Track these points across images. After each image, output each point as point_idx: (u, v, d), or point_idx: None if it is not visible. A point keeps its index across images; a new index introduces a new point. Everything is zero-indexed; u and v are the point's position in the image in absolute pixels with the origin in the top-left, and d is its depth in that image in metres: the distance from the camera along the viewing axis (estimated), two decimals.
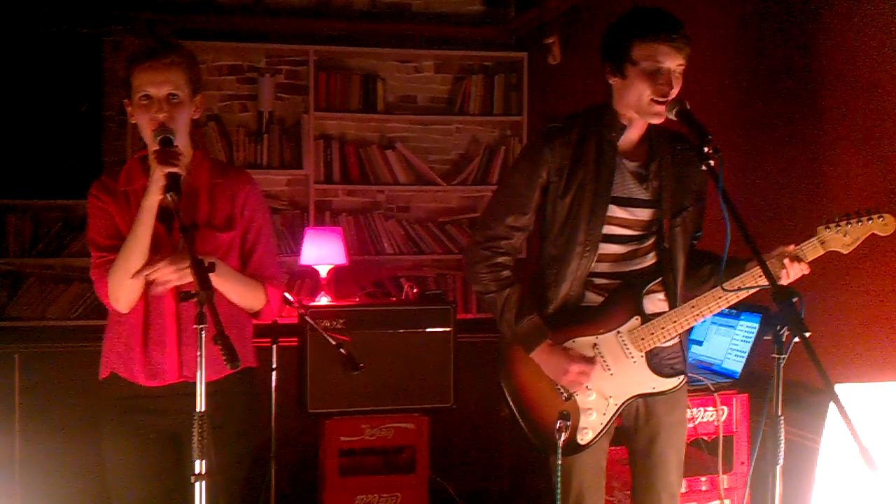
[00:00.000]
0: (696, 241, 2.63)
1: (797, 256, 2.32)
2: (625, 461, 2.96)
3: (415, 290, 4.65)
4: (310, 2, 5.29)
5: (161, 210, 2.28)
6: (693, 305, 2.43)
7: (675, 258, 2.51)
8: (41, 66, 4.86)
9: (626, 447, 2.66)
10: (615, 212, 2.47)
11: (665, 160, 2.50)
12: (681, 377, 2.53)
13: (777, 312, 1.94)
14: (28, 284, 4.91)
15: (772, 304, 1.95)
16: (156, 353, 2.39)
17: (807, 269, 2.34)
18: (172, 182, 2.18)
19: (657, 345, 2.47)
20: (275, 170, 5.17)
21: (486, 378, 2.73)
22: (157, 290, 2.29)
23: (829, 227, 2.32)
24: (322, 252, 4.65)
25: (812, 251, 2.33)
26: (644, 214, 2.49)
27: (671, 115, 2.35)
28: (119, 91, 2.27)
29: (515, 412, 2.56)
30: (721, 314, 3.16)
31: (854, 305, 2.76)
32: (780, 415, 1.99)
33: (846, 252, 2.33)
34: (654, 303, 2.50)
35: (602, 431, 2.51)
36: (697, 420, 2.97)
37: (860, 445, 1.71)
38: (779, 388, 1.98)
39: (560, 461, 2.41)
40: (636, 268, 2.51)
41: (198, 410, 1.98)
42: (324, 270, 4.65)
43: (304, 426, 4.33)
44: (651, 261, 2.52)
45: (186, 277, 2.19)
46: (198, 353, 1.97)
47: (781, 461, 2.00)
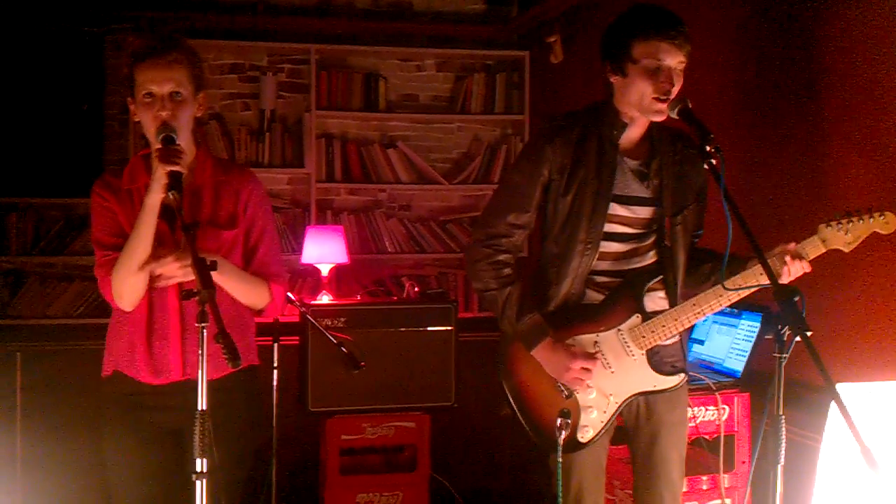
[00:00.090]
0: (697, 240, 2.63)
1: (798, 254, 2.32)
2: (626, 460, 2.96)
3: (416, 289, 4.66)
4: (311, 1, 5.29)
5: (164, 208, 2.28)
6: (694, 303, 2.42)
7: (676, 256, 2.51)
8: (43, 65, 4.86)
9: (628, 446, 2.66)
10: (616, 210, 2.47)
11: (666, 158, 2.50)
12: (681, 375, 2.53)
13: (778, 311, 1.94)
14: (29, 283, 4.91)
15: (773, 304, 1.95)
16: (159, 351, 2.39)
17: (808, 268, 2.34)
18: (174, 180, 2.18)
19: (658, 343, 2.47)
20: (276, 168, 5.17)
21: (488, 377, 2.73)
22: (161, 284, 2.30)
23: (831, 226, 2.31)
24: (323, 251, 4.65)
25: (813, 249, 2.33)
26: (645, 212, 2.50)
27: (673, 114, 2.35)
28: (121, 90, 2.28)
29: (516, 410, 2.56)
30: (722, 313, 3.16)
31: (855, 304, 2.76)
32: (782, 414, 1.98)
33: (847, 250, 2.32)
34: (655, 301, 2.50)
35: (603, 429, 2.51)
36: (699, 419, 2.97)
37: (861, 445, 1.71)
38: (780, 388, 1.98)
39: (560, 459, 2.42)
40: (637, 266, 2.51)
41: (199, 409, 1.98)
42: (325, 269, 4.65)
43: (305, 425, 4.33)
44: (652, 259, 2.52)
45: (191, 274, 2.19)
46: (200, 352, 1.97)
47: (782, 460, 2.00)
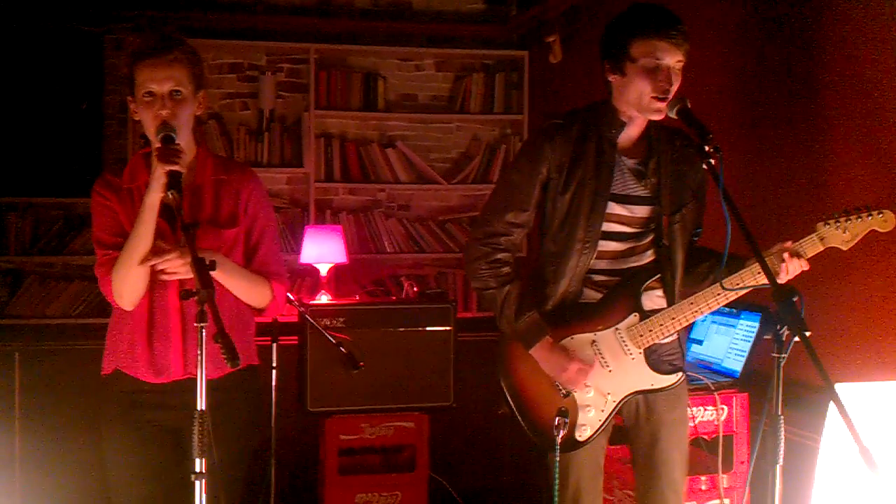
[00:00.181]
0: (697, 239, 2.62)
1: (797, 252, 2.32)
2: (625, 460, 2.96)
3: (415, 289, 4.66)
4: (311, 0, 5.28)
5: (164, 207, 2.28)
6: (692, 302, 2.42)
7: (674, 255, 2.51)
8: (42, 64, 4.85)
9: (629, 447, 2.65)
10: (614, 209, 2.47)
11: (664, 157, 2.50)
12: (679, 374, 2.52)
13: (777, 311, 1.94)
14: (28, 282, 4.91)
15: (772, 304, 1.95)
16: (160, 350, 2.39)
17: (806, 266, 2.33)
18: (173, 180, 2.18)
19: (655, 342, 2.47)
20: (275, 168, 5.17)
21: (487, 377, 2.73)
22: (164, 278, 2.30)
23: (829, 224, 2.31)
24: (322, 250, 4.65)
25: (811, 247, 2.33)
26: (643, 211, 2.49)
27: (672, 114, 2.34)
28: (120, 89, 2.28)
29: (514, 409, 2.56)
30: (721, 313, 3.17)
31: (854, 304, 2.76)
32: (780, 414, 1.98)
33: (846, 248, 2.32)
34: (653, 300, 2.50)
35: (600, 428, 2.51)
36: (697, 419, 2.96)
37: (860, 445, 1.71)
38: (779, 388, 1.98)
39: (558, 458, 2.42)
40: (635, 265, 2.51)
41: (198, 408, 1.98)
42: (324, 269, 4.65)
43: (304, 425, 4.33)
44: (650, 258, 2.52)
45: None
46: (199, 352, 1.97)
47: (781, 460, 2.00)
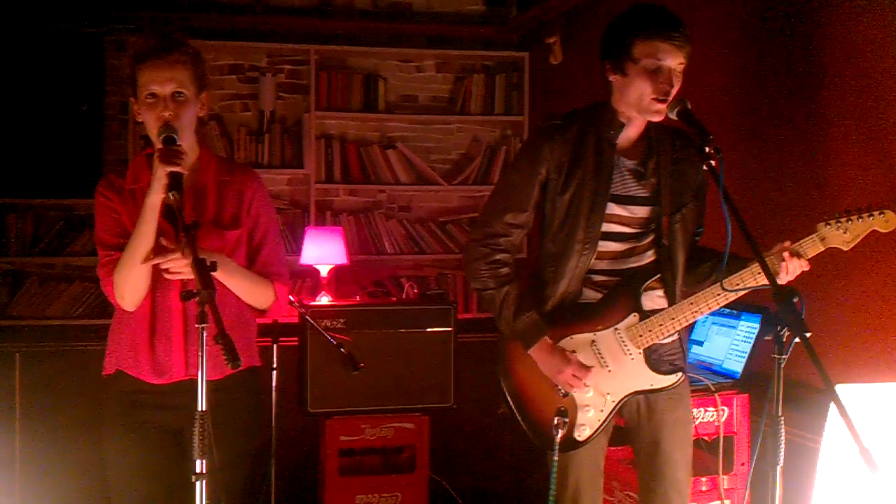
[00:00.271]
0: (698, 238, 2.62)
1: (797, 252, 2.30)
2: (626, 461, 2.96)
3: (415, 290, 4.66)
4: (311, 1, 5.28)
5: (167, 208, 2.28)
6: (692, 302, 2.42)
7: (675, 255, 2.50)
8: (43, 65, 4.85)
9: (632, 447, 2.65)
10: (614, 209, 2.47)
11: (664, 157, 2.49)
12: (679, 374, 2.51)
13: (777, 312, 1.94)
14: (29, 283, 4.91)
15: (772, 305, 1.95)
16: (162, 351, 2.39)
17: (806, 266, 2.32)
18: (175, 181, 2.18)
19: (655, 342, 2.47)
20: (276, 169, 5.17)
21: (487, 378, 2.73)
22: (168, 277, 2.30)
23: (830, 224, 2.29)
24: (323, 251, 4.65)
25: (812, 248, 2.31)
26: (642, 212, 2.49)
27: (672, 115, 2.34)
28: (120, 90, 2.27)
29: (514, 409, 2.57)
30: (722, 314, 3.17)
31: (855, 305, 2.76)
32: (781, 415, 1.98)
33: (846, 249, 2.31)
34: (653, 300, 2.50)
35: (600, 428, 2.50)
36: (698, 420, 2.96)
37: (861, 446, 1.71)
38: (779, 389, 1.98)
39: (556, 458, 2.42)
40: (635, 265, 2.51)
41: (199, 409, 1.98)
42: (324, 270, 4.65)
43: (305, 426, 4.33)
44: (650, 258, 2.52)
45: None
46: (200, 353, 1.97)
47: (782, 461, 2.00)
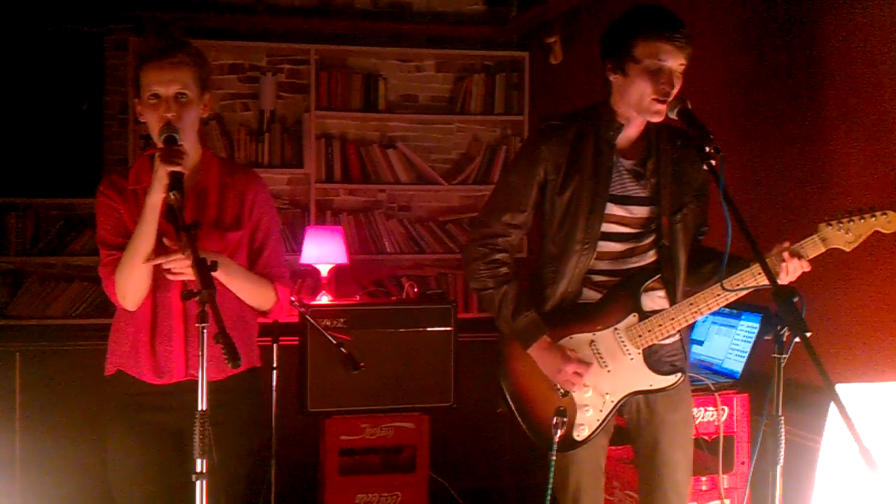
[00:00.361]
0: (702, 237, 2.61)
1: (797, 253, 2.30)
2: (626, 460, 2.96)
3: (415, 290, 4.66)
4: (311, 1, 5.28)
5: (168, 209, 2.27)
6: (691, 303, 2.42)
7: (676, 255, 2.50)
8: (43, 65, 4.86)
9: (632, 447, 2.65)
10: (613, 210, 2.47)
11: (664, 157, 2.49)
12: (678, 374, 2.51)
13: (778, 312, 1.94)
14: (29, 283, 4.91)
15: (773, 304, 1.95)
16: (163, 352, 2.39)
17: (807, 267, 2.31)
18: (175, 181, 2.18)
19: (654, 342, 2.46)
20: (276, 169, 5.17)
21: (487, 377, 2.73)
22: (170, 277, 2.29)
23: (831, 225, 2.28)
24: (323, 251, 4.65)
25: (813, 248, 2.30)
26: (642, 212, 2.49)
27: (672, 114, 2.34)
28: (120, 89, 2.27)
29: (513, 408, 2.57)
30: (722, 314, 3.17)
31: (855, 305, 2.75)
32: (781, 415, 1.98)
33: (848, 250, 2.29)
34: (655, 300, 2.50)
35: (598, 428, 2.50)
36: (698, 420, 2.96)
37: (861, 446, 1.71)
38: (779, 388, 1.98)
39: (555, 457, 2.42)
40: (636, 265, 2.51)
41: (199, 409, 1.98)
42: (325, 269, 4.65)
43: (305, 425, 4.32)
44: (651, 258, 2.51)
45: None
46: (200, 352, 1.97)
47: (782, 461, 2.00)
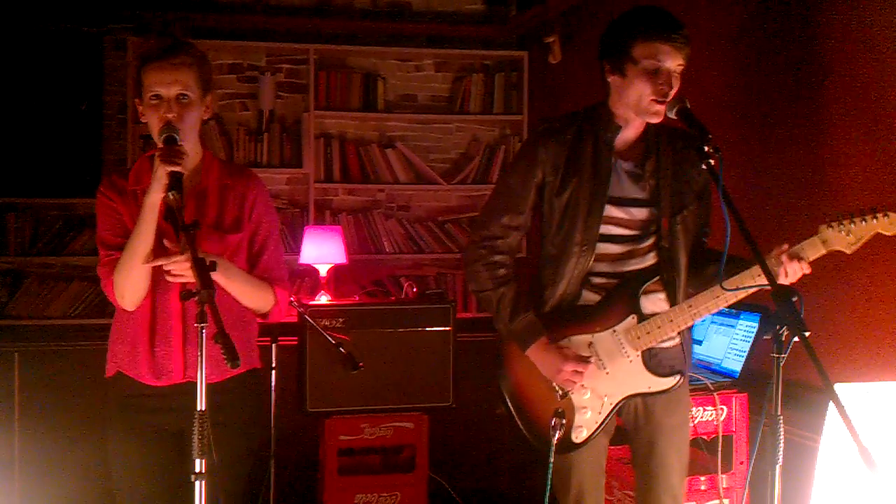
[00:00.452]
0: (706, 239, 2.60)
1: (796, 255, 2.28)
2: (625, 460, 2.96)
3: (414, 290, 4.65)
4: (310, 1, 5.28)
5: (168, 209, 2.27)
6: (690, 305, 2.41)
7: (677, 257, 2.49)
8: (42, 65, 4.86)
9: (630, 447, 2.65)
10: (611, 211, 2.46)
11: (664, 158, 2.49)
12: (677, 377, 2.50)
13: (777, 312, 1.94)
14: (28, 283, 4.91)
15: (772, 304, 1.95)
16: (162, 353, 2.39)
17: (807, 269, 2.30)
18: (175, 181, 2.17)
19: (653, 344, 2.46)
20: (275, 168, 5.17)
21: (486, 377, 2.73)
22: (169, 279, 2.29)
23: (832, 226, 2.25)
24: (322, 251, 4.65)
25: (813, 250, 2.28)
26: (641, 214, 2.49)
27: (671, 114, 2.34)
28: (120, 90, 2.27)
29: (512, 409, 2.57)
30: (721, 313, 3.16)
31: (854, 305, 2.76)
32: (780, 414, 1.98)
33: (850, 252, 2.27)
34: (655, 303, 2.49)
35: (597, 430, 2.50)
36: (697, 419, 2.97)
37: (860, 445, 1.71)
38: (778, 388, 1.98)
39: (553, 459, 2.42)
40: (635, 267, 2.50)
41: (198, 409, 1.98)
42: (324, 269, 4.65)
43: (304, 425, 4.32)
44: (651, 260, 2.50)
45: None
46: (199, 352, 1.97)
47: (781, 461, 2.00)
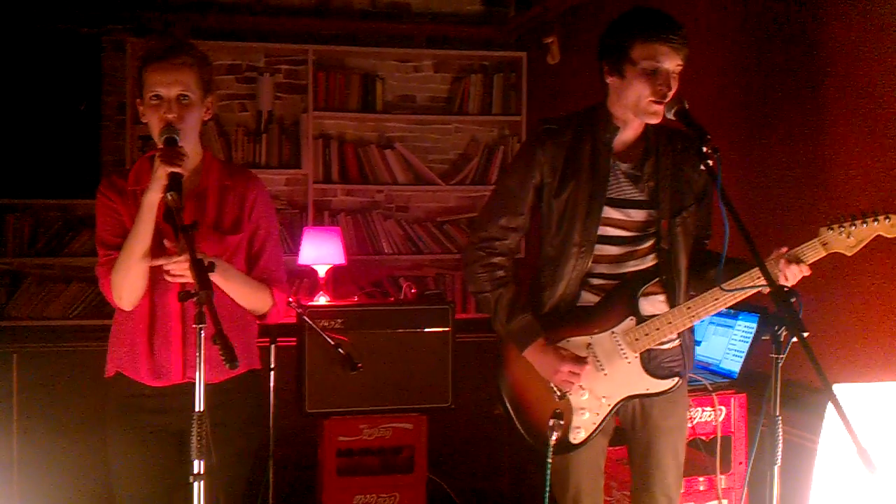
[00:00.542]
0: (707, 242, 2.60)
1: (796, 258, 2.27)
2: (624, 461, 2.96)
3: (413, 290, 4.65)
4: (309, 1, 5.29)
5: (167, 210, 2.27)
6: (689, 307, 2.41)
7: (676, 259, 2.49)
8: (40, 66, 4.85)
9: (627, 448, 2.65)
10: (610, 213, 2.46)
11: (663, 160, 2.49)
12: (675, 379, 2.49)
13: (775, 312, 1.94)
14: (27, 284, 4.91)
15: (770, 304, 1.95)
16: (161, 353, 2.39)
17: (807, 271, 2.28)
18: (174, 181, 2.18)
19: (652, 346, 2.46)
20: (273, 169, 5.17)
21: (485, 378, 2.73)
22: (168, 279, 2.28)
23: (833, 229, 2.24)
24: (321, 252, 4.64)
25: (813, 253, 2.27)
26: (639, 215, 2.48)
27: (670, 115, 2.34)
28: (118, 90, 2.27)
29: (510, 410, 2.57)
30: (719, 314, 3.15)
31: (852, 305, 2.76)
32: (778, 415, 1.99)
33: (850, 254, 2.26)
34: (654, 304, 2.48)
35: (595, 431, 2.50)
36: (695, 420, 2.97)
37: (858, 446, 1.71)
38: (777, 388, 1.98)
39: (551, 460, 2.42)
40: (635, 269, 2.50)
41: (197, 410, 1.98)
42: (322, 270, 4.64)
43: (303, 426, 4.32)
44: (651, 262, 2.50)
45: None
46: (197, 353, 1.97)
47: (779, 461, 2.00)
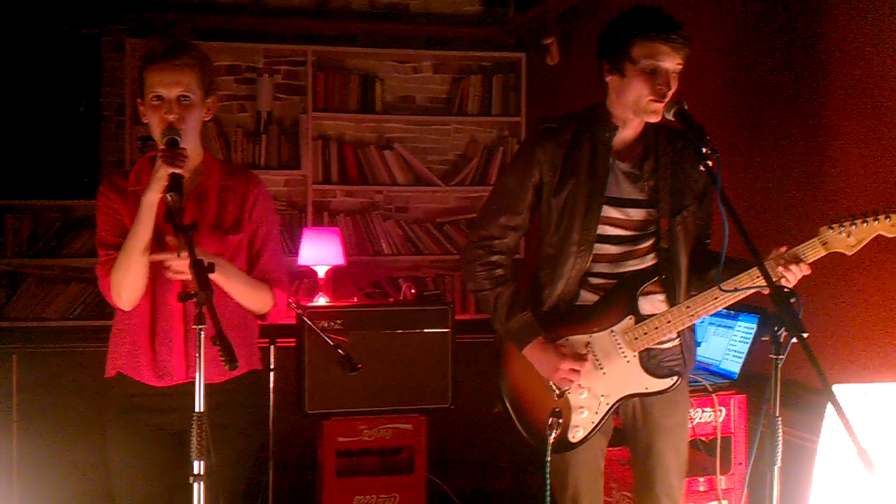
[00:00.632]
0: (708, 242, 2.60)
1: (796, 257, 2.27)
2: (624, 461, 2.96)
3: (413, 291, 4.65)
4: (308, 2, 5.29)
5: (168, 210, 2.27)
6: (687, 306, 2.41)
7: (676, 258, 2.48)
8: (40, 66, 4.85)
9: (629, 447, 2.65)
10: (609, 212, 2.46)
11: (663, 159, 2.49)
12: (675, 378, 2.49)
13: (775, 313, 1.94)
14: (26, 284, 4.90)
15: (770, 305, 1.95)
16: (163, 354, 2.39)
17: (807, 271, 2.28)
18: (174, 182, 2.18)
19: (651, 345, 2.46)
20: (273, 170, 5.17)
21: (485, 378, 2.73)
22: (169, 276, 2.28)
23: (833, 228, 2.24)
24: (320, 252, 4.64)
25: (813, 252, 2.27)
26: (639, 215, 2.48)
27: (669, 116, 2.34)
28: (117, 91, 2.27)
29: (510, 409, 2.57)
30: (719, 315, 3.17)
31: (852, 306, 2.76)
32: (778, 415, 1.99)
33: (850, 254, 2.26)
34: (654, 303, 2.49)
35: (594, 430, 2.50)
36: (695, 420, 2.97)
37: (858, 446, 1.71)
38: (777, 389, 1.98)
39: (549, 458, 2.42)
40: (634, 268, 2.50)
41: (197, 411, 1.98)
42: (322, 271, 4.64)
43: (302, 427, 4.32)
44: (651, 261, 2.50)
45: None
46: (197, 354, 1.97)
47: (779, 462, 2.00)
